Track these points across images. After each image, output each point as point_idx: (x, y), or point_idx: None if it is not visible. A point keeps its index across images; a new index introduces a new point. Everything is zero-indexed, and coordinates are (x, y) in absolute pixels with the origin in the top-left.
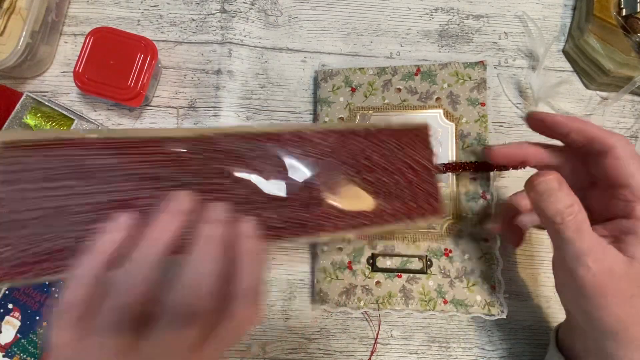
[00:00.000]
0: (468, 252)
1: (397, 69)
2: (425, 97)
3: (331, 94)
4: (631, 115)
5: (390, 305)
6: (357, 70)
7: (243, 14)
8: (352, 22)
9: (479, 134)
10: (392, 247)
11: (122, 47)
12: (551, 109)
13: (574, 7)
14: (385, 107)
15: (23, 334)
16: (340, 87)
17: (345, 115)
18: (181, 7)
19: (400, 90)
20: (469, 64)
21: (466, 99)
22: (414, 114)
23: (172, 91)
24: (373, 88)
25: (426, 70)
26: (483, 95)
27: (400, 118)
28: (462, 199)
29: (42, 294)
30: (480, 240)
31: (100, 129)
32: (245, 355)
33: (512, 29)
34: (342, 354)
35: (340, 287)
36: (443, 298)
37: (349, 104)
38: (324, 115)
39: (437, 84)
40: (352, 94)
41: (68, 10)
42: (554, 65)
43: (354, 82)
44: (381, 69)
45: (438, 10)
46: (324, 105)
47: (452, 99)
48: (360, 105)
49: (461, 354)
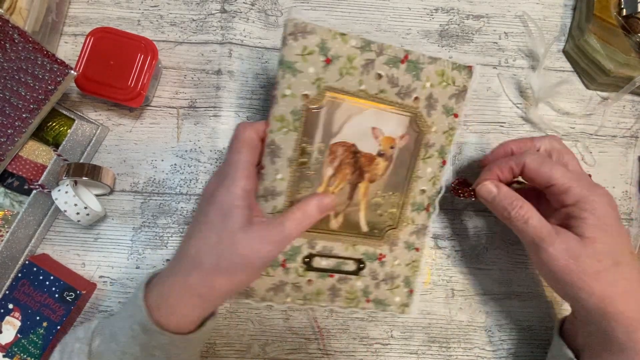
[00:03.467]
0: (399, 259)
1: (384, 49)
2: (404, 94)
3: (300, 59)
4: (631, 115)
5: (317, 302)
6: (338, 35)
7: (243, 14)
8: (352, 22)
9: (442, 146)
10: (330, 248)
11: (123, 47)
12: (551, 109)
13: (574, 7)
14: (360, 94)
15: (23, 334)
16: (312, 52)
17: (312, 94)
18: (181, 8)
19: (381, 77)
20: (457, 66)
21: (442, 106)
22: (387, 111)
23: (173, 91)
24: (352, 65)
25: (414, 60)
26: (459, 106)
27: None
28: (408, 208)
29: (42, 294)
30: (413, 249)
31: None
32: (245, 356)
33: (512, 29)
34: (342, 354)
35: (269, 283)
36: (366, 297)
37: (318, 79)
38: (285, 86)
39: (420, 80)
40: (326, 67)
41: (68, 11)
42: (554, 65)
43: (331, 51)
44: (366, 43)
45: (438, 11)
46: (288, 72)
47: (429, 102)
48: (332, 84)
49: (461, 354)
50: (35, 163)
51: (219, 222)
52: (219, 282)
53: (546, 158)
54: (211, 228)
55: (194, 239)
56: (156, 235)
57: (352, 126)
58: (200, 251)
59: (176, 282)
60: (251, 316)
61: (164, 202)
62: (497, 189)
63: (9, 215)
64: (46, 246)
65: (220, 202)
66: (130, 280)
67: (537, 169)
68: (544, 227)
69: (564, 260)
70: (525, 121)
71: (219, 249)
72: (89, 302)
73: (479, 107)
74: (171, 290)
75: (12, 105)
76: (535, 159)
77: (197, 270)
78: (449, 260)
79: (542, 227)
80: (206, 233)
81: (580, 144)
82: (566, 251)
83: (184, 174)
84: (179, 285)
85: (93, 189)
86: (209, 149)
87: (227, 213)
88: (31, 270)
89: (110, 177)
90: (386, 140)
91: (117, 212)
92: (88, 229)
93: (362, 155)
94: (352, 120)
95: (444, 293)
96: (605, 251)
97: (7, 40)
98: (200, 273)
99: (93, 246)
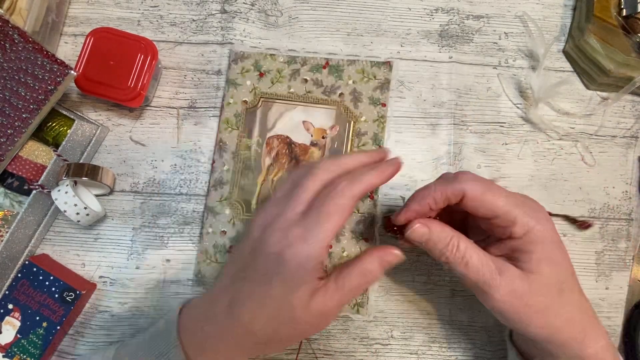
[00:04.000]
0: (347, 250)
1: (306, 60)
2: (329, 91)
3: (239, 76)
4: (631, 116)
5: None
6: (268, 56)
7: (243, 14)
8: (353, 22)
9: (375, 134)
10: None
11: (122, 47)
12: (551, 109)
13: (574, 7)
14: (290, 96)
15: (23, 334)
16: (249, 70)
17: (250, 99)
18: (181, 8)
19: (306, 81)
20: (376, 63)
21: (368, 98)
22: (315, 106)
23: (173, 91)
24: (281, 75)
25: (334, 65)
26: (385, 96)
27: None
28: None
29: (42, 294)
30: (362, 239)
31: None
32: None
33: (512, 29)
34: (342, 354)
35: (218, 270)
36: None
37: (254, 88)
38: (229, 96)
39: (342, 80)
40: (260, 79)
41: (68, 11)
42: (554, 65)
43: (263, 67)
44: (291, 58)
45: (438, 11)
46: (231, 86)
47: (354, 96)
48: (266, 91)
49: (461, 355)
50: (35, 163)
51: (280, 293)
52: (271, 347)
53: (488, 182)
54: (270, 295)
55: (249, 302)
56: (156, 236)
57: (284, 121)
58: (255, 320)
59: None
60: None
61: (164, 202)
62: (428, 230)
63: (8, 216)
64: (46, 246)
65: (289, 269)
66: (130, 281)
67: (480, 197)
68: (485, 268)
69: (509, 304)
70: (525, 121)
71: (277, 322)
72: (89, 303)
73: (479, 107)
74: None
75: (12, 105)
76: (476, 185)
77: (249, 337)
78: None
79: (483, 267)
80: (263, 300)
81: (580, 144)
82: (513, 293)
83: (184, 174)
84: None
85: (93, 189)
86: (209, 149)
87: (294, 288)
88: (31, 271)
89: (110, 177)
90: (317, 131)
91: (117, 212)
92: (88, 229)
93: (296, 146)
94: (284, 116)
95: (444, 293)
96: (552, 283)
97: (7, 40)
98: (252, 340)
99: (93, 246)
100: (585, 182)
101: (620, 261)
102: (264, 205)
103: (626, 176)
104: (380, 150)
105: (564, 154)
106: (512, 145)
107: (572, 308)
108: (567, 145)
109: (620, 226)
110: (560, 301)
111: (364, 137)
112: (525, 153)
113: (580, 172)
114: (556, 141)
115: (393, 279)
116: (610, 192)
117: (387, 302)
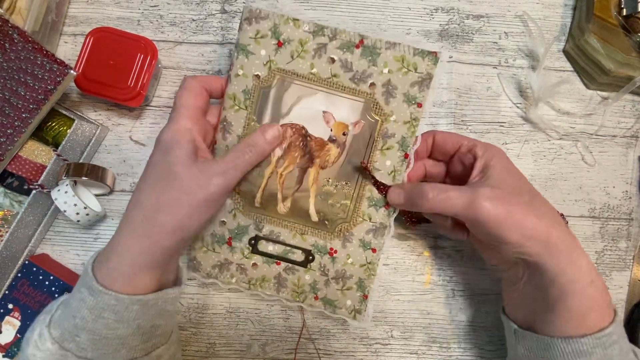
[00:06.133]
0: (352, 257)
1: (337, 33)
2: (359, 79)
3: (253, 41)
4: (631, 115)
5: (262, 288)
6: (291, 20)
7: None
8: (353, 22)
9: (404, 138)
10: (278, 233)
11: (122, 47)
12: (551, 109)
13: (575, 7)
14: (312, 78)
15: (23, 333)
16: (265, 35)
17: (263, 74)
18: (181, 8)
19: (334, 61)
20: (420, 52)
21: (403, 94)
22: (339, 95)
23: (172, 91)
24: (303, 49)
25: (370, 45)
26: (424, 95)
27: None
28: (363, 203)
29: (42, 294)
30: (369, 249)
31: None
32: (245, 355)
33: (512, 29)
34: (342, 354)
35: (215, 259)
36: (315, 294)
37: (270, 61)
38: (239, 67)
39: (377, 66)
40: (278, 50)
41: (68, 11)
42: (554, 65)
43: (283, 35)
44: (319, 28)
45: (438, 10)
46: (242, 54)
47: (388, 90)
48: (283, 67)
49: (461, 354)
50: (35, 163)
51: (160, 160)
52: (161, 218)
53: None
54: (153, 167)
55: (138, 183)
56: None
57: (301, 108)
58: (141, 191)
59: (121, 229)
60: (251, 316)
61: None
62: (401, 188)
63: (8, 215)
64: (46, 246)
65: (161, 140)
66: None
67: (446, 136)
68: (462, 191)
69: (494, 212)
70: (525, 121)
71: (160, 185)
72: None
73: (479, 107)
74: (118, 238)
75: (11, 105)
76: (443, 131)
77: (138, 209)
78: (449, 260)
79: (461, 191)
80: (147, 173)
81: (580, 144)
82: (493, 200)
83: None
84: (126, 232)
85: (93, 189)
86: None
87: (168, 149)
88: (31, 270)
89: (110, 177)
90: (338, 125)
91: (117, 212)
92: (88, 229)
93: (312, 139)
94: (301, 102)
95: (444, 293)
96: (521, 188)
97: (7, 40)
98: (142, 212)
99: (93, 246)
100: (585, 182)
101: (620, 261)
102: None
103: (626, 176)
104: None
105: (564, 153)
106: (512, 144)
107: (547, 209)
108: (567, 145)
109: (620, 226)
110: (534, 203)
111: (390, 140)
112: (525, 153)
113: (581, 172)
114: (556, 141)
115: (393, 279)
116: (610, 192)
117: (387, 302)
